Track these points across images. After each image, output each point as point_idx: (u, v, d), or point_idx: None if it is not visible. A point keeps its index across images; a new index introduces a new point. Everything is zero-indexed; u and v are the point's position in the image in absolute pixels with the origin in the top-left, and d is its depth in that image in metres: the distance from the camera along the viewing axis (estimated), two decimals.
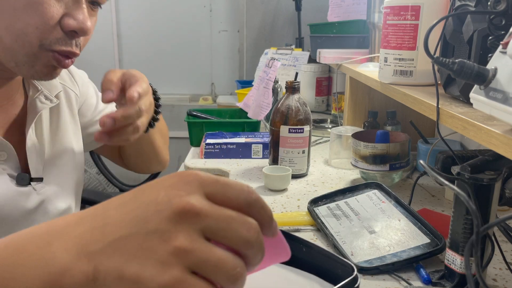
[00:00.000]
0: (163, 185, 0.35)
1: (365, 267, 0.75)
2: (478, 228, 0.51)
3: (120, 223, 0.34)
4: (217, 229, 0.34)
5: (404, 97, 0.85)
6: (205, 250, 0.33)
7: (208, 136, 1.42)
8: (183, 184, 0.35)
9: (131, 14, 2.72)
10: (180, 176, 0.36)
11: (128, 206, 0.35)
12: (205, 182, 0.35)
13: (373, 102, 1.45)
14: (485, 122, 0.56)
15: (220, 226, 0.34)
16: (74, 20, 0.67)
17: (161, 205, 0.34)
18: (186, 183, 0.35)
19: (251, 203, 0.36)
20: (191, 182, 0.35)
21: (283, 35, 2.73)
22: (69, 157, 0.86)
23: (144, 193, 0.36)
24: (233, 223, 0.34)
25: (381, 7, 1.24)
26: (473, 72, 0.51)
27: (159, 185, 0.36)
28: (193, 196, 0.34)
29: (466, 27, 0.68)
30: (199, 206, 0.33)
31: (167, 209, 0.33)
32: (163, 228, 0.33)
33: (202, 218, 0.33)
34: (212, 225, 0.34)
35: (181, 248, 0.32)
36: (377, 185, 0.98)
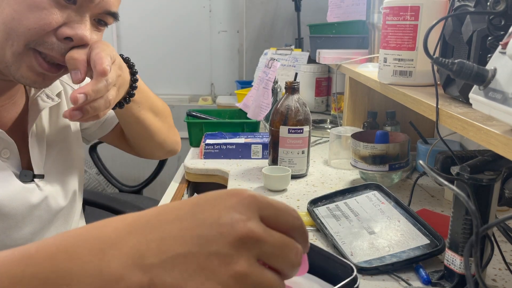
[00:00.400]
0: (224, 205, 0.36)
1: (365, 267, 0.75)
2: (477, 229, 0.51)
3: (180, 240, 0.35)
4: (272, 254, 0.36)
5: (404, 97, 0.85)
6: (260, 275, 0.35)
7: (207, 136, 1.42)
8: (243, 207, 0.36)
9: (131, 15, 2.72)
10: (239, 198, 0.37)
11: (186, 222, 0.36)
12: (261, 205, 0.37)
13: (373, 103, 1.45)
14: (485, 123, 0.56)
15: (275, 252, 0.36)
16: (70, 29, 0.68)
17: (224, 228, 0.35)
18: (245, 206, 0.36)
19: (297, 228, 0.39)
20: (250, 204, 0.37)
21: (282, 36, 2.73)
22: (69, 155, 0.87)
23: (203, 211, 0.36)
24: (285, 249, 0.36)
25: (380, 7, 1.24)
26: (473, 73, 0.51)
27: (219, 204, 0.37)
28: (253, 222, 0.36)
29: (466, 27, 0.68)
30: (259, 233, 0.35)
31: (231, 233, 0.35)
32: (225, 251, 0.34)
33: (261, 245, 0.35)
34: (268, 251, 0.35)
35: (241, 272, 0.34)
36: (377, 186, 0.98)
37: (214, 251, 0.34)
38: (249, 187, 1.14)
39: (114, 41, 2.73)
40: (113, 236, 0.36)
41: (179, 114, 2.85)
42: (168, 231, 0.35)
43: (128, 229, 0.36)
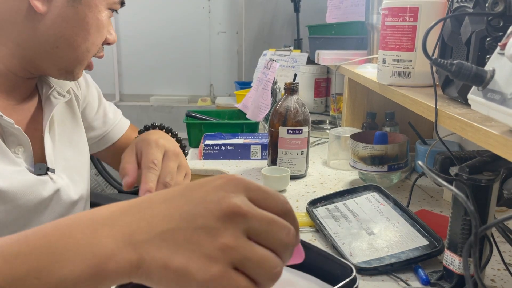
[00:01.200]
0: (211, 185, 0.38)
1: (364, 267, 0.75)
2: (476, 229, 0.51)
3: (169, 217, 0.36)
4: (260, 230, 0.36)
5: (403, 98, 0.85)
6: (249, 249, 0.35)
7: (206, 137, 1.42)
8: (231, 186, 0.37)
9: (130, 16, 2.72)
10: (226, 179, 0.38)
11: (175, 201, 0.38)
12: (249, 187, 0.38)
13: (372, 103, 1.45)
14: (483, 123, 0.56)
15: (263, 228, 0.36)
16: (111, 35, 0.81)
17: (210, 204, 0.36)
18: (233, 186, 0.38)
19: (286, 212, 0.39)
20: (237, 185, 0.38)
21: (281, 37, 2.73)
22: (78, 152, 0.90)
23: (192, 191, 0.38)
24: (274, 226, 0.37)
25: (379, 8, 1.24)
26: (471, 74, 0.51)
27: (207, 185, 0.38)
28: (240, 198, 0.37)
29: (464, 28, 0.68)
30: (246, 208, 0.36)
31: (217, 208, 0.36)
32: (211, 225, 0.35)
33: (247, 219, 0.36)
34: (256, 226, 0.36)
35: (228, 245, 0.35)
36: (376, 187, 0.99)
37: (201, 225, 0.35)
38: None
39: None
40: (105, 216, 0.38)
41: (178, 115, 2.86)
42: (158, 210, 0.37)
43: (120, 210, 0.38)
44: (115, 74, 2.82)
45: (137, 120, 2.86)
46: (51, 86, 0.84)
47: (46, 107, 0.82)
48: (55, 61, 0.75)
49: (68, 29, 0.73)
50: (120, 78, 2.84)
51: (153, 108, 2.83)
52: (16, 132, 0.73)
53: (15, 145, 0.74)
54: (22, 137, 0.75)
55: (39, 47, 0.73)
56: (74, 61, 0.77)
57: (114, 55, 2.76)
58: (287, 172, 1.12)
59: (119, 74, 2.83)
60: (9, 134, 0.73)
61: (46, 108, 0.82)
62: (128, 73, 2.84)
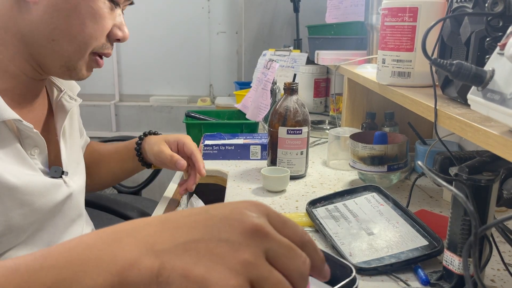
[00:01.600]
0: (235, 206, 0.39)
1: (364, 267, 0.75)
2: (476, 229, 0.51)
3: (192, 229, 0.37)
4: (279, 254, 0.36)
5: (402, 98, 0.85)
6: (268, 269, 0.35)
7: (206, 137, 1.42)
8: (253, 208, 0.39)
9: (129, 16, 2.71)
10: (249, 203, 0.40)
11: (200, 216, 0.38)
12: (271, 212, 0.39)
13: (371, 104, 1.45)
14: (483, 123, 0.56)
15: (282, 252, 0.36)
16: (120, 31, 0.79)
17: (234, 221, 0.37)
18: (256, 208, 0.39)
19: (305, 243, 0.39)
20: (259, 207, 0.39)
21: (281, 37, 2.73)
22: (80, 154, 0.92)
23: (216, 209, 0.39)
24: (292, 253, 0.37)
25: (379, 8, 1.24)
26: (471, 74, 0.51)
27: (231, 205, 0.39)
28: (262, 220, 0.37)
29: (464, 28, 0.68)
30: (268, 228, 0.37)
31: (240, 225, 0.37)
32: (234, 239, 0.36)
33: (269, 240, 0.36)
34: (276, 249, 0.36)
35: (249, 260, 0.35)
36: (376, 188, 0.99)
37: (224, 238, 0.36)
38: (248, 187, 1.14)
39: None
40: (129, 228, 0.38)
41: (178, 115, 2.86)
42: (182, 222, 0.38)
43: (144, 222, 0.39)
44: (114, 74, 2.82)
45: (136, 120, 2.87)
46: (61, 89, 0.85)
47: (59, 110, 0.83)
48: (54, 56, 0.74)
49: (61, 19, 0.72)
50: (119, 78, 2.84)
51: (153, 108, 2.83)
52: (33, 135, 0.74)
53: (31, 147, 0.75)
54: (38, 140, 0.75)
55: (38, 41, 0.73)
56: (73, 56, 0.75)
57: (113, 55, 2.76)
58: (287, 172, 1.12)
59: (119, 74, 2.83)
60: (25, 137, 0.73)
61: (59, 112, 0.83)
62: (128, 73, 2.83)
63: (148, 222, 0.39)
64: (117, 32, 0.79)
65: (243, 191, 1.12)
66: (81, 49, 0.75)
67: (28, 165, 0.73)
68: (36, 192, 0.73)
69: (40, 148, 0.76)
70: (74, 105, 0.85)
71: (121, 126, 2.87)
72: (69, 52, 0.74)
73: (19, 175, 0.70)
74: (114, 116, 2.83)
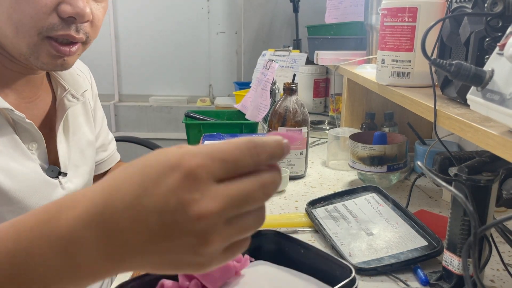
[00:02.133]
0: (168, 186, 0.33)
1: (363, 268, 0.75)
2: (475, 230, 0.51)
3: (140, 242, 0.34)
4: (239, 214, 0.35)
5: (402, 98, 0.85)
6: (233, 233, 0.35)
7: (206, 137, 1.42)
8: (191, 182, 0.33)
9: (129, 16, 2.72)
10: (183, 172, 0.33)
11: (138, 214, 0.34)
12: (213, 169, 0.34)
13: (371, 104, 1.45)
14: (482, 124, 0.56)
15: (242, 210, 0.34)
16: (70, 6, 0.66)
17: (177, 215, 0.33)
18: (194, 181, 0.33)
19: (261, 162, 0.36)
20: (198, 177, 0.33)
21: (280, 37, 2.73)
22: (86, 157, 0.89)
23: (148, 194, 0.34)
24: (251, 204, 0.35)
25: (378, 9, 1.24)
26: (470, 74, 0.51)
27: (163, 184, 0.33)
28: (207, 199, 0.33)
29: (463, 29, 0.68)
30: (218, 209, 0.33)
31: (187, 221, 0.33)
32: (193, 242, 0.33)
33: (224, 217, 0.33)
34: (236, 213, 0.34)
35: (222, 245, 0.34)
36: (375, 188, 0.99)
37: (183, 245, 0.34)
38: None
39: (113, 42, 2.73)
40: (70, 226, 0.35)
41: (177, 115, 2.86)
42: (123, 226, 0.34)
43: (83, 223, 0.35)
44: (114, 74, 2.82)
45: (136, 121, 2.86)
46: (65, 88, 0.83)
47: (59, 109, 0.82)
48: (5, 44, 0.69)
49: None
50: (119, 78, 2.84)
51: (152, 109, 2.82)
52: (28, 127, 0.73)
53: (29, 141, 0.74)
54: (35, 133, 0.74)
55: None
56: (16, 41, 0.67)
57: (113, 55, 2.76)
58: (287, 173, 1.12)
59: (118, 74, 2.83)
60: (22, 130, 0.72)
61: (59, 110, 0.82)
62: (127, 73, 2.83)
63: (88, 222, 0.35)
64: (64, 8, 0.66)
65: None
66: (21, 32, 0.66)
67: (26, 157, 0.72)
68: (30, 189, 0.72)
69: (38, 143, 0.75)
70: (75, 104, 0.84)
71: (120, 126, 2.87)
72: (12, 38, 0.67)
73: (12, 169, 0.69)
74: (113, 116, 2.83)
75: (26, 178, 0.72)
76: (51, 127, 0.81)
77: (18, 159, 0.71)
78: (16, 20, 0.65)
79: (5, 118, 0.71)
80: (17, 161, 0.71)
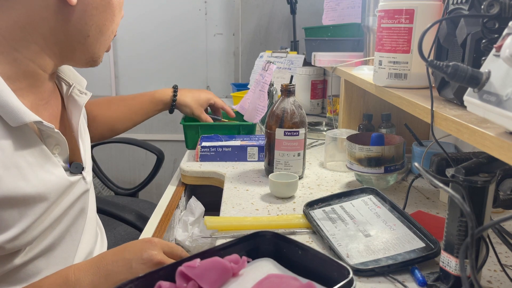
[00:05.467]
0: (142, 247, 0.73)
1: (361, 269, 0.75)
2: (472, 231, 0.52)
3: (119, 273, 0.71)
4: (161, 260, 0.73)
5: (399, 100, 0.85)
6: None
7: (203, 139, 1.42)
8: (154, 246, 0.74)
9: (126, 17, 2.71)
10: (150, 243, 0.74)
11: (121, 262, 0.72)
12: (163, 245, 0.75)
13: (368, 105, 1.45)
14: (479, 125, 0.56)
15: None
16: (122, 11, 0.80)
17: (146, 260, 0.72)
18: (155, 246, 0.74)
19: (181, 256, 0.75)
20: (157, 245, 0.74)
21: (278, 38, 2.74)
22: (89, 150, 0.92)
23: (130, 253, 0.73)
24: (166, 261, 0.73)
25: (375, 10, 1.24)
26: (467, 75, 0.51)
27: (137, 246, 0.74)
28: (160, 254, 0.73)
29: (460, 30, 0.69)
30: (165, 260, 0.72)
31: (150, 261, 0.72)
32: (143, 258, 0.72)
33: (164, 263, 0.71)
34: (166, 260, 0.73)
35: None
36: (373, 190, 0.99)
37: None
38: (245, 189, 1.14)
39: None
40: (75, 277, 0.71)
41: (175, 116, 2.85)
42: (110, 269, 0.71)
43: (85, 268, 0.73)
44: (111, 76, 2.81)
45: None
46: (70, 84, 0.84)
47: (71, 105, 0.83)
48: (85, 50, 0.76)
49: (97, 16, 0.73)
50: (116, 80, 2.84)
51: None
52: (54, 135, 0.74)
53: (53, 145, 0.75)
54: (60, 138, 0.76)
55: (71, 40, 0.73)
56: (102, 47, 0.78)
57: (110, 57, 2.76)
58: (295, 178, 1.09)
59: (116, 76, 2.83)
60: (46, 136, 0.74)
61: (72, 107, 0.83)
62: (125, 75, 2.83)
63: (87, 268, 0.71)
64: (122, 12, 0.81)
65: (241, 193, 1.12)
66: (109, 40, 0.78)
67: (52, 163, 0.74)
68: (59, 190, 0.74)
69: (61, 146, 0.77)
70: (85, 99, 0.85)
71: None
72: (100, 45, 0.77)
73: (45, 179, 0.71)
74: None
75: (55, 183, 0.73)
76: (65, 125, 0.83)
77: (48, 168, 0.73)
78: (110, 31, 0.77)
79: (33, 129, 0.72)
80: (47, 170, 0.73)
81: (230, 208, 1.03)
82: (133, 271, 0.70)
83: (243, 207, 1.03)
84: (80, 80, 0.87)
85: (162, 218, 1.14)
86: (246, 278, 0.61)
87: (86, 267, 0.71)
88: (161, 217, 1.14)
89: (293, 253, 0.66)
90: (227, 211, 1.02)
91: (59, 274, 0.70)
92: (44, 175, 0.71)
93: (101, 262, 0.71)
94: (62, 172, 0.76)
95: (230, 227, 0.92)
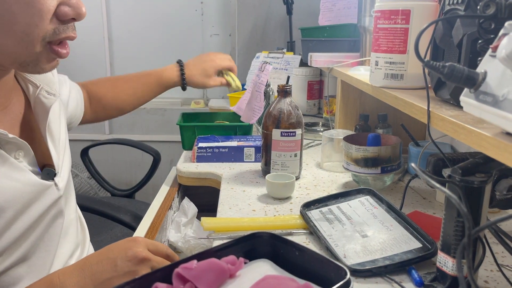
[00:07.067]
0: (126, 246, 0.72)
1: (358, 269, 0.75)
2: (469, 231, 0.52)
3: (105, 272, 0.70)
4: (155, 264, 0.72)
5: (395, 100, 0.86)
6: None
7: (200, 139, 1.42)
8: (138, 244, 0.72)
9: (123, 18, 2.71)
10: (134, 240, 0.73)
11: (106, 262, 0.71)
12: (148, 243, 0.74)
13: (364, 105, 1.46)
14: (476, 125, 0.56)
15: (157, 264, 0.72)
16: (69, 7, 0.66)
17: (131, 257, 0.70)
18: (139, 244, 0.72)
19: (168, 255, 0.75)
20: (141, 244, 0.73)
21: (274, 39, 2.74)
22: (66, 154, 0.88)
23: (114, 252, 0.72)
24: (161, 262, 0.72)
25: (372, 11, 1.24)
26: (463, 76, 0.51)
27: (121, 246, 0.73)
28: (145, 251, 0.72)
29: (456, 31, 0.69)
30: (150, 256, 0.72)
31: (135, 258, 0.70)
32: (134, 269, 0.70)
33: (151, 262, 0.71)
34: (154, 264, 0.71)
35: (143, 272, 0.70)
36: (369, 191, 0.99)
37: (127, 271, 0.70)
38: (242, 190, 1.14)
39: (106, 45, 2.72)
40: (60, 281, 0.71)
41: (171, 117, 2.85)
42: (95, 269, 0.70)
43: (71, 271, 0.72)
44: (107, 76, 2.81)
45: (130, 123, 2.85)
46: (37, 85, 0.79)
47: (38, 108, 0.79)
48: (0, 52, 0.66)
49: None
50: None
51: (146, 111, 2.82)
52: (12, 141, 0.70)
53: (14, 151, 0.71)
54: (19, 143, 0.72)
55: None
56: (18, 51, 0.65)
57: (106, 57, 2.75)
58: (292, 179, 1.10)
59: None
60: (5, 143, 0.70)
61: (39, 109, 0.79)
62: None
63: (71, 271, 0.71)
64: (64, 10, 0.66)
65: (237, 194, 1.12)
66: (24, 42, 0.64)
67: (16, 168, 0.70)
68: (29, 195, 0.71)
69: (24, 150, 0.73)
70: (53, 100, 0.80)
71: (114, 129, 2.85)
72: (12, 48, 0.65)
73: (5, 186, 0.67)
74: None
75: (21, 192, 0.70)
76: (32, 127, 0.78)
77: (10, 175, 0.69)
78: (20, 31, 0.63)
79: None
80: (8, 177, 0.68)
81: (227, 209, 1.03)
82: (118, 269, 0.69)
83: (240, 208, 1.03)
84: (49, 81, 0.82)
85: (154, 219, 1.13)
86: (243, 279, 0.61)
87: (71, 270, 0.70)
88: (154, 218, 1.14)
89: (290, 254, 0.66)
90: (224, 212, 1.01)
91: (44, 280, 0.70)
92: (7, 183, 0.68)
93: (86, 264, 0.70)
94: (30, 177, 0.72)
95: (227, 228, 0.92)
